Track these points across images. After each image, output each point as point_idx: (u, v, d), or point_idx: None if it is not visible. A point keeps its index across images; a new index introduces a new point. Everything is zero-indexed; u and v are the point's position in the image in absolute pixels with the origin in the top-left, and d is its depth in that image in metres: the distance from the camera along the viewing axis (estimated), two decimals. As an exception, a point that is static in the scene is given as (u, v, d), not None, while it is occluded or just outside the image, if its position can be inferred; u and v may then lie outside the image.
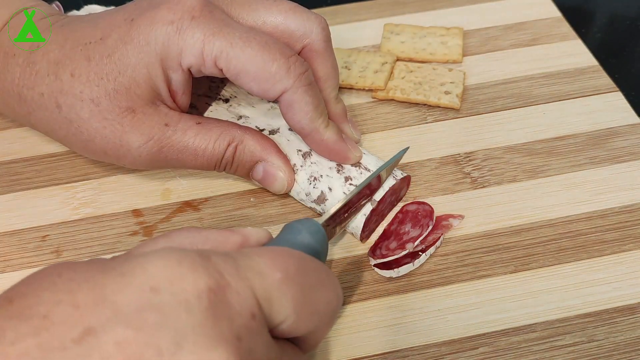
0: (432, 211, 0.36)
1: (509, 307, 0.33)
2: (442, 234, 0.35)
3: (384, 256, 0.34)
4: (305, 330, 0.24)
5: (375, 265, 0.34)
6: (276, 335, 0.24)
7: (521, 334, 0.32)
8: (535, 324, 0.32)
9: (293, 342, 0.26)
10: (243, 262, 0.23)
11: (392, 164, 0.36)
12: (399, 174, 0.36)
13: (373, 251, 0.35)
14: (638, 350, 0.31)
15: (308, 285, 0.24)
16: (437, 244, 0.35)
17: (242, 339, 0.21)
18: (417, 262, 0.34)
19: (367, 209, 0.35)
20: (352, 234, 0.36)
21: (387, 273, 0.34)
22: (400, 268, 0.34)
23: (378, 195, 0.35)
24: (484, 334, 0.32)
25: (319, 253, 0.30)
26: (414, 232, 0.35)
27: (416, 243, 0.34)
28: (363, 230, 0.35)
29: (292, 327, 0.24)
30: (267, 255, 0.24)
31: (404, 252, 0.34)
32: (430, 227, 0.35)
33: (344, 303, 0.33)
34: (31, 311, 0.20)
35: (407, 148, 0.37)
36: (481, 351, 0.31)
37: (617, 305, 0.33)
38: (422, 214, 0.36)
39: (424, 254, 0.34)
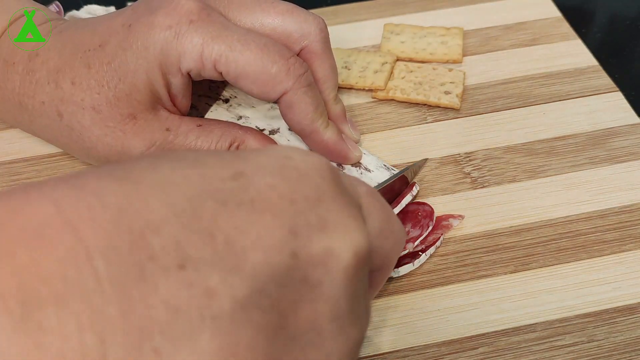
0: (432, 211, 0.36)
1: (509, 307, 0.33)
2: (442, 234, 0.35)
3: None
4: (382, 255, 0.24)
5: None
6: None
7: (521, 334, 0.32)
8: (535, 324, 0.32)
9: None
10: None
11: (416, 169, 0.38)
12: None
13: None
14: (638, 350, 0.31)
15: (386, 205, 0.25)
16: (437, 244, 0.35)
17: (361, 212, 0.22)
18: (417, 262, 0.34)
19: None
20: None
21: None
22: (400, 268, 0.34)
23: (405, 200, 0.36)
24: (483, 334, 0.32)
25: None
26: (414, 232, 0.35)
27: (416, 243, 0.34)
28: None
29: (375, 243, 0.24)
30: (350, 176, 0.25)
31: (404, 252, 0.34)
32: (430, 228, 0.35)
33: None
34: (180, 156, 0.20)
35: (427, 159, 0.39)
36: (481, 351, 0.31)
37: (617, 305, 0.33)
38: (422, 214, 0.36)
39: (424, 254, 0.34)
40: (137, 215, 0.18)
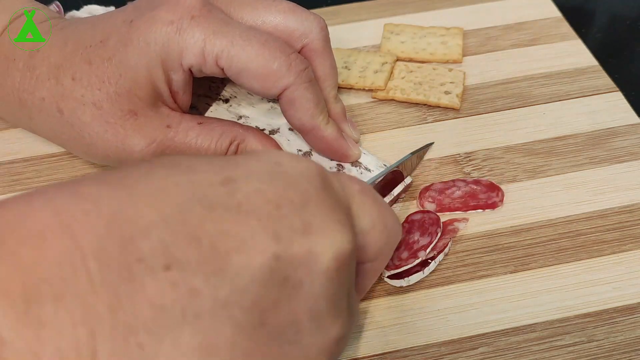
0: (438, 218, 0.36)
1: (509, 307, 0.33)
2: (450, 239, 0.35)
3: (397, 267, 0.34)
4: (374, 250, 0.25)
5: (387, 277, 0.34)
6: None
7: (521, 334, 0.32)
8: (535, 324, 0.32)
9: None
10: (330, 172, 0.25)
11: (420, 155, 0.38)
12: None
13: None
14: (638, 350, 0.31)
15: (378, 201, 0.26)
16: (446, 250, 0.35)
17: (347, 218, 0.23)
18: (427, 270, 0.34)
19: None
20: None
21: (397, 282, 0.34)
22: (410, 277, 0.34)
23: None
24: (484, 334, 0.32)
25: None
26: (423, 240, 0.35)
27: (427, 251, 0.34)
28: None
29: (367, 240, 0.25)
30: (343, 174, 0.26)
31: (418, 261, 0.34)
32: (439, 234, 0.35)
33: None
34: (174, 162, 0.22)
35: (432, 143, 0.39)
36: (481, 351, 0.31)
37: (617, 305, 0.33)
38: (428, 222, 0.35)
39: (433, 261, 0.34)
40: (129, 220, 0.19)
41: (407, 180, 0.37)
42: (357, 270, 0.26)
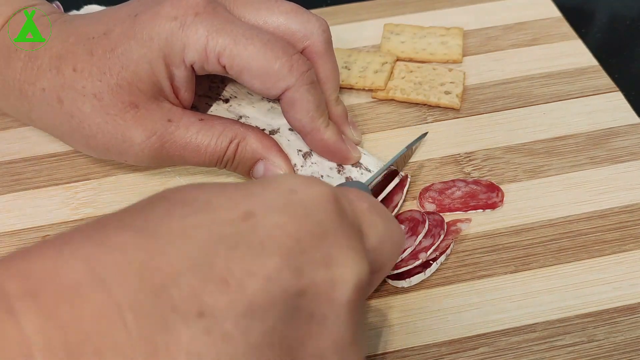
0: (442, 220, 0.35)
1: (509, 307, 0.33)
2: (452, 240, 0.35)
3: (398, 267, 0.34)
4: (379, 264, 0.25)
5: (387, 277, 0.34)
6: None
7: (521, 334, 0.32)
8: (535, 324, 0.32)
9: None
10: (338, 189, 0.25)
11: (414, 147, 0.38)
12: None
13: None
14: (638, 350, 0.31)
15: (385, 216, 0.26)
16: (448, 251, 0.35)
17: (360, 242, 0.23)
18: (429, 271, 0.34)
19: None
20: None
21: (398, 283, 0.34)
22: (412, 278, 0.34)
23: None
24: (484, 334, 0.32)
25: None
26: (426, 242, 0.35)
27: (429, 252, 0.34)
28: None
29: (373, 257, 0.25)
30: (351, 189, 0.26)
31: (418, 262, 0.34)
32: (442, 236, 0.35)
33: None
34: (190, 199, 0.21)
35: (426, 133, 0.39)
36: (481, 351, 0.31)
37: (617, 305, 0.33)
38: (432, 224, 0.35)
39: (435, 262, 0.34)
40: (158, 269, 0.19)
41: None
42: None
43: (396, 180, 0.37)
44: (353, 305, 0.22)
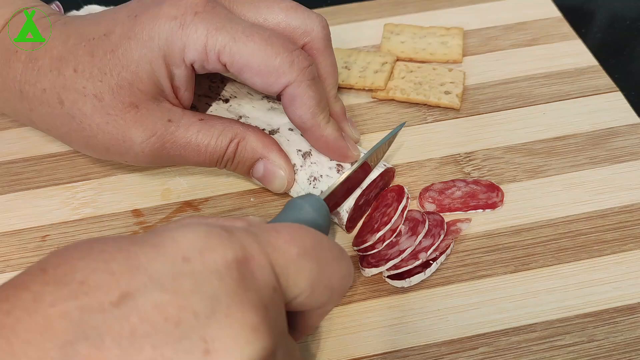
0: (442, 220, 0.35)
1: (509, 307, 0.33)
2: (452, 240, 0.35)
3: (397, 267, 0.34)
4: (317, 305, 0.25)
5: (387, 277, 0.34)
6: (287, 310, 0.24)
7: (521, 334, 0.32)
8: (535, 324, 0.32)
9: (294, 319, 0.26)
10: (262, 237, 0.23)
11: (390, 140, 0.37)
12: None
13: None
14: (638, 350, 0.31)
15: (324, 261, 0.25)
16: (447, 251, 0.35)
17: (268, 309, 0.22)
18: (429, 271, 0.34)
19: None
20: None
21: (398, 283, 0.34)
22: (412, 278, 0.34)
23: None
24: (484, 334, 0.32)
25: (323, 228, 0.30)
26: (426, 242, 0.35)
27: (429, 252, 0.34)
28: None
29: (306, 301, 0.24)
30: (284, 231, 0.24)
31: (418, 262, 0.34)
32: (442, 237, 0.35)
33: (345, 302, 0.34)
34: (67, 278, 0.20)
35: (404, 123, 0.38)
36: (481, 351, 0.31)
37: (617, 305, 0.33)
38: (432, 224, 0.35)
39: (434, 262, 0.34)
40: None
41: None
42: (303, 313, 0.26)
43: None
44: None
